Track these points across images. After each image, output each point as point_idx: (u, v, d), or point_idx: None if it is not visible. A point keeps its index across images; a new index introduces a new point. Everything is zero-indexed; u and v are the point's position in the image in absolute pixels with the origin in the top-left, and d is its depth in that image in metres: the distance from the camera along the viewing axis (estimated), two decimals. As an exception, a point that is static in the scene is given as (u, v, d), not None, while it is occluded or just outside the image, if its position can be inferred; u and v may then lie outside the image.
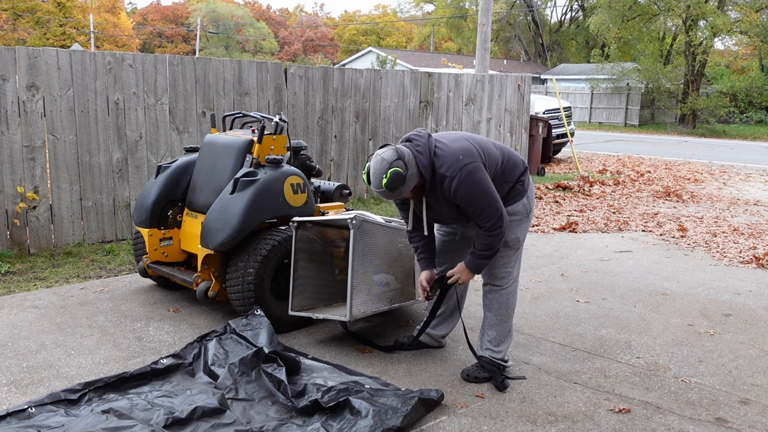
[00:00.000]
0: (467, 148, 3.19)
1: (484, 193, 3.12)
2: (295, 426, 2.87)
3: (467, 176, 3.09)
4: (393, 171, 3.02)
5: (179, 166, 4.61)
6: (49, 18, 41.41)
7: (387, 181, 3.03)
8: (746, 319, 4.46)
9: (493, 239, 3.19)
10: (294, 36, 63.61)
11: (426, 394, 3.07)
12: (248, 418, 2.92)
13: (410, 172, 3.08)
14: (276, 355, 3.30)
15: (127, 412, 2.84)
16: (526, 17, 44.35)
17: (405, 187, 3.09)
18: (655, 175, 12.05)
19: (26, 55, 5.55)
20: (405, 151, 3.10)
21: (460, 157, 3.12)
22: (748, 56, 31.92)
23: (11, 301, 4.49)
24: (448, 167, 3.11)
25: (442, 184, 3.14)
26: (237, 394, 3.07)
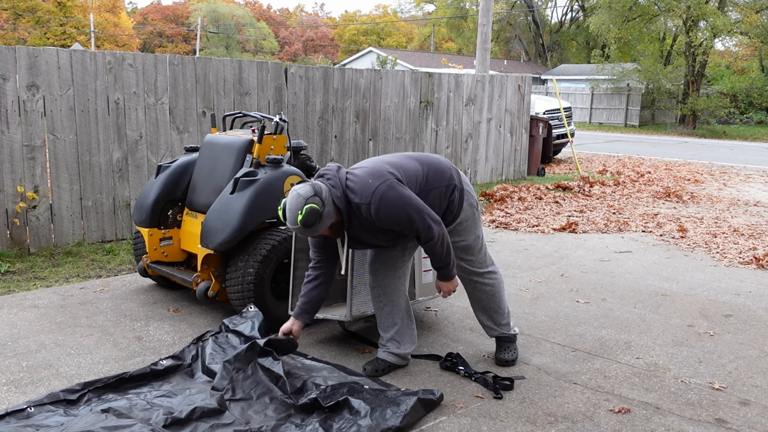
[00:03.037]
0: (376, 169, 3.12)
1: (406, 206, 3.06)
2: (293, 426, 2.86)
3: (381, 197, 3.03)
4: (308, 207, 2.94)
5: (179, 166, 4.61)
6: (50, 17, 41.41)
7: (302, 217, 2.95)
8: (746, 319, 4.46)
9: (438, 248, 3.16)
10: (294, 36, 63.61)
11: (425, 395, 3.07)
12: (247, 419, 2.91)
13: (327, 209, 3.00)
14: (271, 347, 3.26)
15: (126, 412, 2.83)
16: (526, 17, 44.35)
17: (321, 225, 3.01)
18: (655, 175, 12.05)
19: (26, 54, 5.55)
20: (322, 187, 3.03)
21: (369, 181, 3.06)
22: (749, 57, 31.92)
23: (11, 301, 4.49)
24: (360, 195, 3.05)
25: (361, 213, 3.07)
26: (234, 394, 3.04)
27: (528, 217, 7.86)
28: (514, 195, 9.19)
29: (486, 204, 8.66)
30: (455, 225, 3.41)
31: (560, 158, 14.71)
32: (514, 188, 9.65)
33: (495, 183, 10.43)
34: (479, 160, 10.30)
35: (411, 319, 3.59)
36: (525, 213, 8.13)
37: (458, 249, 3.47)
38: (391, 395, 3.06)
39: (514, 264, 5.76)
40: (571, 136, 13.19)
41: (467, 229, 3.44)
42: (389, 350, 3.51)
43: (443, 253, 3.20)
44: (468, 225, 3.44)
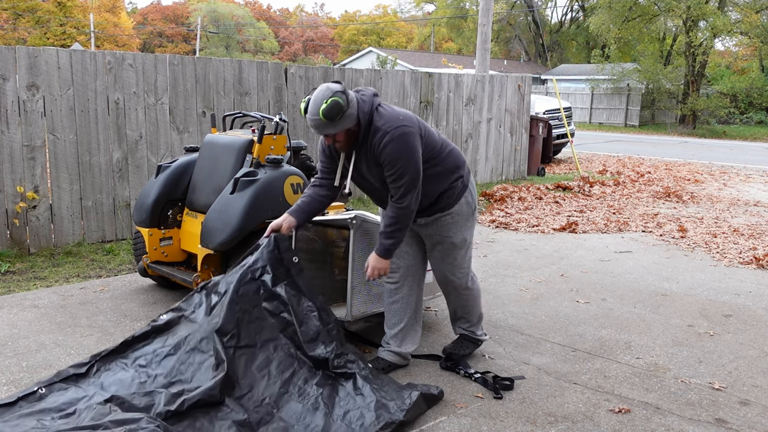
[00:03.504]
0: (410, 116, 3.19)
1: (410, 158, 3.08)
2: (296, 396, 2.86)
3: (400, 136, 3.06)
4: (334, 100, 2.94)
5: (179, 166, 4.61)
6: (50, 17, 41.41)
7: (326, 107, 2.94)
8: (746, 319, 4.46)
9: (400, 213, 3.13)
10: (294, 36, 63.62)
11: (426, 390, 3.07)
12: (250, 382, 2.88)
13: (350, 110, 3.02)
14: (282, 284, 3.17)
15: (129, 399, 2.78)
16: (526, 17, 44.36)
17: (340, 123, 3.01)
18: (655, 175, 12.05)
19: (26, 54, 5.55)
20: (351, 93, 3.09)
21: (399, 118, 3.12)
22: (749, 57, 31.92)
23: (11, 301, 4.49)
24: (384, 122, 3.08)
25: (374, 138, 3.09)
26: (239, 340, 2.98)
27: (528, 217, 7.86)
28: (514, 195, 9.19)
29: (486, 204, 8.66)
30: (446, 214, 3.35)
31: (560, 158, 14.71)
32: (514, 188, 9.65)
33: (495, 183, 10.43)
34: (479, 160, 10.30)
35: (418, 321, 3.60)
36: (525, 213, 8.13)
37: (444, 247, 3.41)
38: (393, 386, 3.06)
39: (514, 264, 5.76)
40: (571, 136, 13.19)
41: (458, 224, 3.38)
42: (390, 349, 3.52)
43: (398, 225, 3.16)
44: (459, 221, 3.38)
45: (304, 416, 2.83)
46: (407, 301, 3.52)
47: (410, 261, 3.50)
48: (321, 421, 2.80)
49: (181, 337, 3.06)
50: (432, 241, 3.43)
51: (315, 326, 3.16)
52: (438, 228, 3.38)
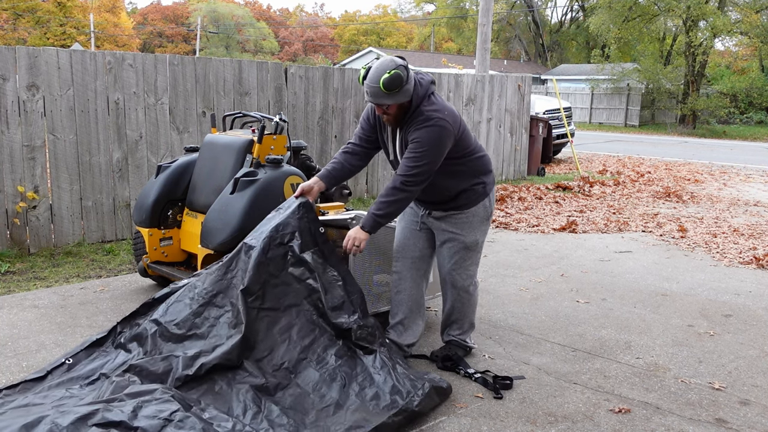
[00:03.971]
0: (454, 114, 3.27)
1: (434, 149, 3.15)
2: (313, 366, 2.91)
3: (437, 127, 3.15)
4: (396, 72, 3.05)
5: (179, 166, 4.61)
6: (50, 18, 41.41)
7: (387, 77, 3.05)
8: (746, 319, 4.46)
9: (400, 193, 3.16)
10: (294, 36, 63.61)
11: (436, 382, 3.09)
12: (271, 345, 2.93)
13: (408, 86, 3.12)
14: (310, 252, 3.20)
15: (147, 366, 2.80)
16: (526, 17, 44.35)
17: (396, 96, 3.10)
18: (655, 175, 12.05)
19: (26, 54, 5.55)
20: (412, 72, 3.19)
21: (445, 112, 3.20)
22: (749, 57, 31.91)
23: (11, 301, 4.49)
24: (432, 109, 3.18)
25: (417, 119, 3.17)
26: (263, 302, 3.04)
27: (528, 217, 7.86)
28: (514, 195, 9.19)
29: (486, 204, 8.66)
30: (462, 213, 3.42)
31: (560, 158, 14.71)
32: (514, 188, 9.65)
33: (495, 183, 10.42)
34: (479, 160, 10.29)
35: (421, 315, 3.65)
36: (525, 213, 8.13)
37: (454, 245, 3.45)
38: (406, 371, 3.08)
39: (514, 264, 5.76)
40: (571, 136, 13.19)
41: (472, 224, 3.43)
42: (389, 336, 3.56)
43: (395, 204, 3.18)
44: (473, 221, 3.43)
45: (321, 386, 2.87)
46: (410, 293, 3.58)
47: (417, 254, 3.55)
48: (336, 394, 2.85)
49: (196, 292, 3.10)
50: (444, 236, 3.48)
51: (339, 295, 3.19)
52: (452, 224, 3.43)
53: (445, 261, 3.52)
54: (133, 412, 2.46)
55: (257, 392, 2.76)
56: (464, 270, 3.51)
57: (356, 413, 2.77)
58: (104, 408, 2.48)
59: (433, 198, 3.42)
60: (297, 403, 2.78)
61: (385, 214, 3.20)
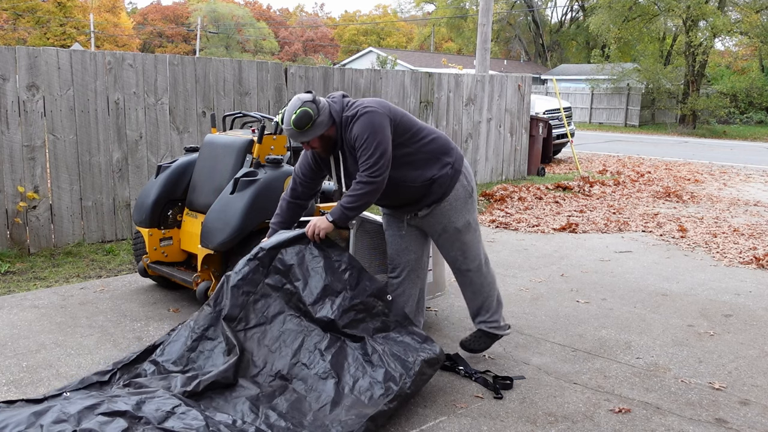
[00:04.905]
0: (378, 101, 3.29)
1: (376, 134, 3.15)
2: (306, 368, 2.95)
3: (365, 114, 3.17)
4: (302, 110, 3.11)
5: (179, 166, 4.61)
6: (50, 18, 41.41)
7: (296, 117, 3.11)
8: (746, 319, 4.46)
9: (366, 187, 3.16)
10: (294, 36, 63.61)
11: (427, 352, 3.09)
12: (264, 357, 2.98)
13: (321, 117, 3.16)
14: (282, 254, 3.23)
15: (146, 383, 2.87)
16: (526, 17, 44.35)
17: (312, 131, 3.16)
18: (655, 175, 12.05)
19: (26, 54, 5.55)
20: (322, 100, 3.22)
21: (365, 104, 3.23)
22: (749, 57, 31.92)
23: (11, 301, 4.49)
24: (353, 109, 3.22)
25: (345, 126, 3.21)
26: (248, 322, 3.10)
27: (528, 217, 7.86)
28: (514, 195, 9.19)
29: (486, 204, 8.66)
30: (444, 202, 3.41)
31: (560, 158, 14.71)
32: (514, 188, 9.65)
33: (495, 183, 10.43)
34: (479, 160, 10.30)
35: (420, 312, 3.69)
36: (525, 213, 8.13)
37: (449, 234, 3.47)
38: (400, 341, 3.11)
39: (514, 264, 5.76)
40: (571, 136, 13.19)
41: (457, 209, 3.43)
42: None
43: (362, 198, 3.18)
44: (457, 205, 3.43)
45: (315, 386, 2.91)
46: (409, 294, 3.60)
47: (411, 256, 3.57)
48: (331, 392, 2.88)
49: (190, 329, 3.16)
50: (436, 230, 3.48)
51: (320, 280, 3.19)
52: (438, 216, 3.43)
53: (448, 252, 3.54)
54: (137, 404, 2.54)
55: (254, 402, 2.80)
56: (468, 252, 3.52)
57: (352, 408, 2.81)
58: (109, 400, 2.55)
59: (410, 198, 3.40)
60: (294, 408, 2.82)
61: (353, 207, 3.22)
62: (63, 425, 2.36)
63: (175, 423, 2.47)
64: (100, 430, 2.34)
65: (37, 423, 2.36)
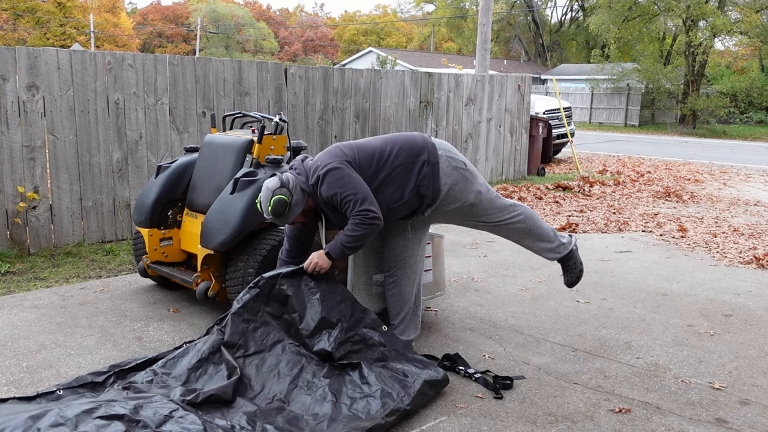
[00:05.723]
0: (330, 151, 3.34)
1: (345, 186, 3.21)
2: (304, 392, 2.97)
3: (325, 175, 3.24)
4: (276, 199, 3.20)
5: (179, 166, 4.61)
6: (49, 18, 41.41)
7: (271, 208, 3.20)
8: (746, 319, 4.46)
9: (361, 231, 3.23)
10: (294, 36, 63.61)
11: (430, 376, 3.12)
12: (262, 382, 3.01)
13: (295, 197, 3.25)
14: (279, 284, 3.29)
15: (145, 389, 2.89)
16: (526, 17, 44.35)
17: (291, 213, 3.26)
18: (655, 175, 12.05)
19: (26, 55, 5.55)
20: (289, 177, 3.28)
21: (320, 162, 3.30)
22: (749, 57, 31.92)
23: (11, 301, 4.49)
24: (313, 174, 3.28)
25: (317, 195, 3.30)
26: (247, 349, 3.14)
27: (528, 217, 7.85)
28: (514, 195, 9.19)
29: (486, 204, 8.65)
30: (446, 193, 3.43)
31: (560, 158, 14.71)
32: (514, 188, 9.65)
33: (495, 183, 10.43)
34: (479, 160, 10.30)
35: (418, 307, 3.72)
36: (525, 213, 8.12)
37: (465, 210, 3.50)
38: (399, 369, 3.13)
39: (514, 264, 5.76)
40: (571, 135, 13.19)
41: (462, 190, 3.46)
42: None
43: (358, 238, 3.24)
44: (461, 186, 3.46)
45: (313, 407, 2.93)
46: (407, 290, 3.62)
47: (408, 253, 3.59)
48: (329, 410, 2.90)
49: (196, 350, 3.19)
50: (452, 216, 3.55)
51: (316, 313, 3.23)
52: (448, 206, 3.47)
53: (475, 222, 3.60)
54: (135, 409, 2.55)
55: (251, 417, 2.80)
56: (493, 211, 3.58)
57: (349, 423, 2.82)
58: (106, 404, 2.56)
59: (407, 210, 3.45)
60: (291, 424, 2.83)
61: (352, 247, 3.31)
62: (60, 429, 2.37)
63: (173, 427, 2.48)
64: None
65: (34, 426, 2.37)
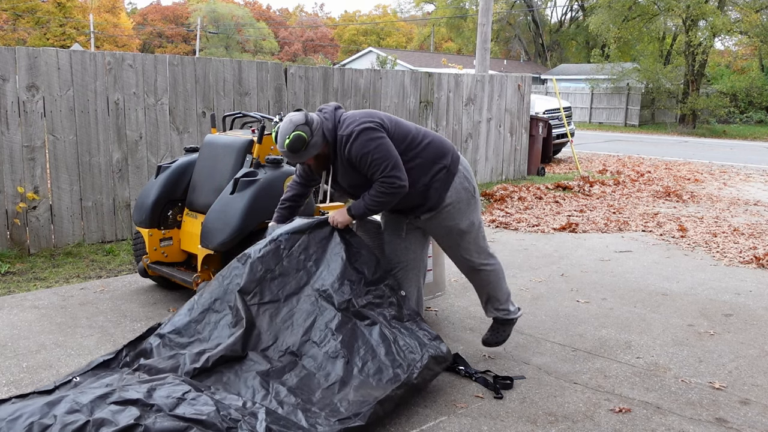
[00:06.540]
0: (370, 112, 3.30)
1: (378, 149, 3.17)
2: (316, 346, 3.00)
3: (361, 132, 3.18)
4: (296, 134, 3.15)
5: (179, 166, 4.61)
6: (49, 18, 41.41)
7: (289, 142, 3.15)
8: (746, 319, 4.46)
9: (385, 197, 3.21)
10: (294, 36, 63.61)
11: (435, 348, 3.13)
12: (275, 333, 3.04)
13: (314, 139, 3.19)
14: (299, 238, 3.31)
15: (155, 365, 2.90)
16: (526, 17, 44.35)
17: (307, 152, 3.20)
18: (655, 175, 12.05)
19: (26, 55, 5.55)
20: (314, 118, 3.22)
21: (357, 118, 3.24)
22: (748, 56, 31.92)
23: (11, 301, 4.49)
24: (346, 127, 3.22)
25: (342, 146, 3.22)
26: (262, 297, 3.15)
27: (528, 216, 7.86)
28: (514, 195, 9.19)
29: (486, 204, 8.66)
30: (446, 206, 3.39)
31: (560, 158, 14.71)
32: (514, 188, 9.65)
33: (495, 183, 10.43)
34: (479, 159, 10.30)
35: (419, 310, 3.70)
36: (525, 213, 8.13)
37: (453, 236, 3.47)
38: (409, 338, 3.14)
39: (514, 264, 5.76)
40: (571, 135, 13.19)
41: (460, 211, 3.42)
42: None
43: (385, 198, 3.22)
44: (461, 208, 3.42)
45: (325, 365, 2.96)
46: (408, 292, 3.60)
47: (410, 255, 3.58)
48: (341, 371, 2.93)
49: (195, 302, 3.21)
50: (440, 233, 3.49)
51: (338, 266, 3.25)
52: (442, 220, 3.43)
53: (454, 252, 3.55)
54: (148, 392, 2.57)
55: (264, 377, 2.86)
56: (474, 250, 3.53)
57: (360, 389, 2.86)
58: (120, 389, 2.58)
59: (408, 204, 3.42)
60: (303, 384, 2.88)
61: (374, 210, 3.31)
62: (76, 415, 2.38)
63: (186, 409, 2.50)
64: (113, 419, 2.37)
65: (50, 413, 2.38)
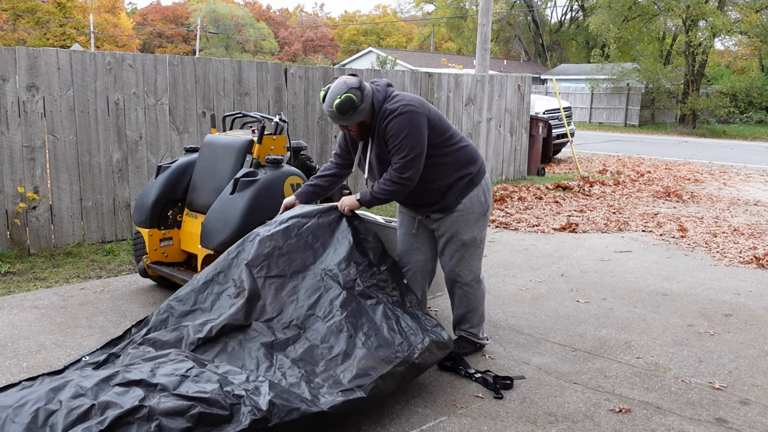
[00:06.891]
0: (420, 99, 3.33)
1: (413, 134, 3.21)
2: (321, 320, 3.03)
3: (405, 113, 3.21)
4: (347, 96, 3.16)
5: (179, 166, 4.61)
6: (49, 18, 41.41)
7: (339, 102, 3.16)
8: (746, 319, 4.46)
9: (393, 186, 3.27)
10: (294, 36, 63.61)
11: (436, 335, 3.17)
12: (280, 306, 3.08)
13: (364, 105, 3.21)
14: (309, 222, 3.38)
15: (160, 337, 2.93)
16: (526, 17, 44.35)
17: (353, 117, 3.22)
18: (655, 175, 12.05)
19: (26, 55, 5.55)
20: (367, 86, 3.26)
21: (409, 99, 3.27)
22: (748, 56, 31.91)
23: (11, 301, 4.49)
24: (395, 103, 3.25)
25: (383, 120, 3.24)
26: (269, 270, 3.19)
27: (528, 216, 7.86)
28: (514, 195, 9.19)
29: (486, 204, 8.65)
30: (458, 211, 3.43)
31: (560, 158, 14.71)
32: (514, 188, 9.65)
33: (495, 183, 10.43)
34: (479, 160, 10.29)
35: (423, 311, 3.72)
36: (525, 213, 8.13)
37: (453, 244, 3.49)
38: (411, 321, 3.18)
39: (514, 264, 5.76)
40: (571, 135, 13.19)
41: (468, 222, 3.45)
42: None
43: (392, 191, 3.28)
44: (470, 219, 3.44)
45: (328, 338, 2.98)
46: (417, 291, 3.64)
47: (420, 257, 3.62)
48: (344, 344, 2.96)
49: (199, 276, 3.25)
50: (443, 237, 3.52)
51: (345, 249, 3.31)
52: (450, 224, 3.46)
53: (446, 260, 3.56)
54: (152, 371, 2.57)
55: (268, 349, 2.89)
56: (465, 266, 3.54)
57: (363, 361, 2.88)
58: (124, 370, 2.60)
59: (424, 199, 3.43)
60: (307, 355, 2.90)
61: (380, 198, 3.34)
62: (81, 400, 2.38)
63: (190, 387, 2.50)
64: (117, 401, 2.37)
65: (55, 399, 2.38)
